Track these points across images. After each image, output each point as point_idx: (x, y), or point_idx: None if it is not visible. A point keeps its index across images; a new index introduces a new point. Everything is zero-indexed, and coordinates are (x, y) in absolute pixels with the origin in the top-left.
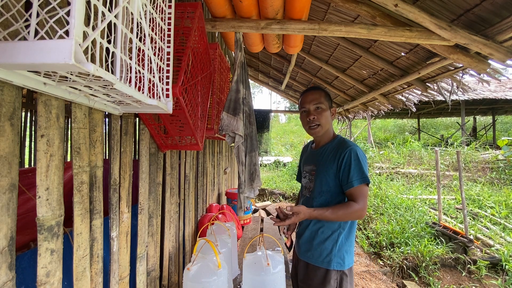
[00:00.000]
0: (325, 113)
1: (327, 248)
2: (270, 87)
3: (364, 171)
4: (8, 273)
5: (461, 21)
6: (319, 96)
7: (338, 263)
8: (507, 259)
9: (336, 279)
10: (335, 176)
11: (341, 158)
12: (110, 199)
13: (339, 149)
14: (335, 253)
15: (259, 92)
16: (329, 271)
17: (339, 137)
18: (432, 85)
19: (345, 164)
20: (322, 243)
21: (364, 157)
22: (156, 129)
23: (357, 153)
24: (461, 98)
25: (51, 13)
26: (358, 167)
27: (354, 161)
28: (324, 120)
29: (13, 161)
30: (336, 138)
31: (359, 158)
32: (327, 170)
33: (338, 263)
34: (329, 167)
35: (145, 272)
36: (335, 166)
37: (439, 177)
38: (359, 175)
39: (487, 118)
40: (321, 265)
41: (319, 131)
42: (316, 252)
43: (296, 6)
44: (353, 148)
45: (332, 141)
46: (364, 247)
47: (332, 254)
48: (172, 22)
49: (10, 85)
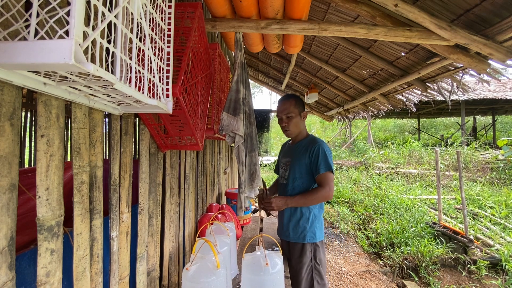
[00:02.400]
0: (294, 120)
1: (301, 226)
2: (270, 87)
3: (328, 162)
4: (8, 273)
5: (461, 21)
6: (289, 106)
7: (311, 237)
8: (507, 259)
9: (311, 250)
10: (306, 166)
11: (311, 152)
12: (110, 199)
13: (310, 145)
14: (307, 229)
15: (259, 92)
16: (305, 244)
17: (311, 136)
18: (432, 85)
19: (315, 156)
20: (297, 223)
21: (329, 151)
22: (156, 129)
23: (324, 148)
24: (461, 98)
25: (51, 13)
26: (325, 158)
27: (321, 154)
28: (293, 126)
29: (13, 161)
30: (309, 136)
31: (325, 152)
32: (300, 161)
33: (311, 237)
34: (302, 158)
35: (145, 272)
36: (307, 157)
37: (439, 177)
38: (324, 164)
39: (487, 118)
40: (298, 240)
41: (290, 134)
42: (293, 231)
43: (296, 6)
44: (321, 144)
45: (305, 138)
46: (364, 247)
47: (306, 231)
48: (172, 22)
49: (10, 85)
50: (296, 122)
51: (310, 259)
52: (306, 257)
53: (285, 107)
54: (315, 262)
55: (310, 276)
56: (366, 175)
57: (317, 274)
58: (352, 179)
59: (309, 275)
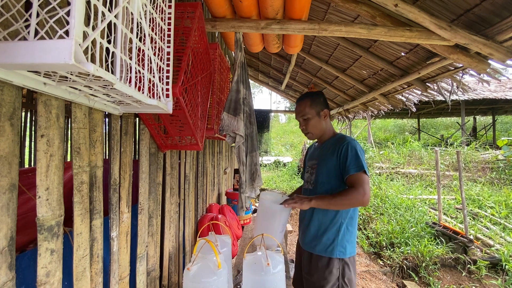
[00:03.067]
0: (312, 121)
1: (330, 238)
2: (270, 87)
3: (360, 161)
4: (8, 273)
5: (461, 21)
6: (304, 108)
7: (341, 252)
8: (507, 259)
9: (339, 268)
10: (335, 167)
11: (339, 151)
12: (110, 199)
13: (338, 144)
14: (337, 242)
15: (259, 92)
16: (332, 260)
17: (340, 134)
18: (432, 85)
19: (343, 155)
20: (325, 233)
21: (361, 150)
22: (156, 129)
23: (354, 145)
24: (461, 98)
25: (51, 13)
26: (355, 157)
27: (351, 152)
28: (311, 127)
29: (13, 161)
30: (337, 135)
31: (356, 150)
32: (326, 163)
33: (341, 252)
34: (329, 159)
35: (145, 272)
36: (335, 158)
37: (439, 177)
38: (355, 164)
39: (487, 118)
40: (324, 254)
41: (310, 136)
42: (319, 242)
43: (296, 6)
44: (350, 142)
45: (332, 137)
46: (364, 247)
47: (334, 243)
48: (172, 22)
49: (10, 85)
50: (314, 124)
51: (338, 277)
52: (333, 275)
53: (300, 109)
54: (343, 282)
55: None
56: None
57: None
58: None
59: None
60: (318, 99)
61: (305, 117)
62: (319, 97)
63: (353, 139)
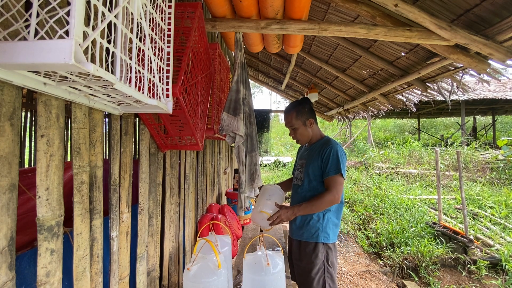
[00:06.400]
0: (299, 130)
1: (315, 226)
2: (270, 87)
3: (339, 164)
4: (8, 273)
5: (461, 21)
6: (291, 119)
7: (325, 237)
8: (507, 259)
9: (323, 252)
10: (319, 167)
11: (323, 154)
12: (110, 199)
13: (323, 147)
14: (321, 229)
15: (259, 92)
16: (318, 244)
17: (325, 138)
18: (432, 85)
19: (326, 158)
20: (310, 221)
21: (342, 154)
22: (156, 129)
23: (336, 150)
24: (461, 98)
25: (51, 13)
26: (335, 161)
27: (332, 156)
28: (299, 135)
29: (13, 161)
30: (324, 138)
31: (337, 154)
32: (313, 162)
33: (325, 237)
34: (315, 160)
35: (145, 272)
36: (320, 159)
37: (439, 177)
38: (335, 167)
39: (487, 118)
40: (311, 239)
41: (301, 142)
42: (305, 229)
43: (296, 6)
44: (333, 146)
45: (320, 140)
46: (364, 247)
47: (320, 230)
48: (172, 22)
49: (10, 85)
50: (302, 132)
51: (323, 261)
52: (319, 259)
53: (288, 121)
54: (327, 264)
55: (322, 279)
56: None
57: (329, 277)
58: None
59: (321, 278)
60: (303, 110)
61: (293, 127)
62: (304, 107)
63: (336, 143)
